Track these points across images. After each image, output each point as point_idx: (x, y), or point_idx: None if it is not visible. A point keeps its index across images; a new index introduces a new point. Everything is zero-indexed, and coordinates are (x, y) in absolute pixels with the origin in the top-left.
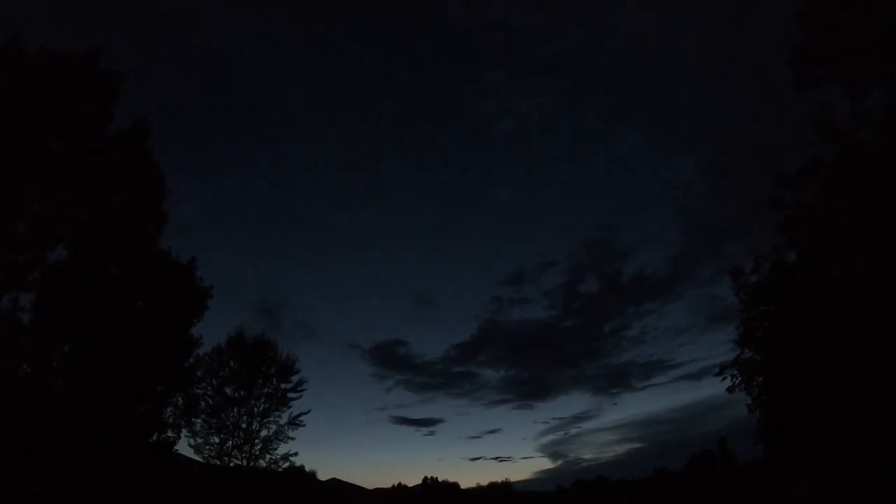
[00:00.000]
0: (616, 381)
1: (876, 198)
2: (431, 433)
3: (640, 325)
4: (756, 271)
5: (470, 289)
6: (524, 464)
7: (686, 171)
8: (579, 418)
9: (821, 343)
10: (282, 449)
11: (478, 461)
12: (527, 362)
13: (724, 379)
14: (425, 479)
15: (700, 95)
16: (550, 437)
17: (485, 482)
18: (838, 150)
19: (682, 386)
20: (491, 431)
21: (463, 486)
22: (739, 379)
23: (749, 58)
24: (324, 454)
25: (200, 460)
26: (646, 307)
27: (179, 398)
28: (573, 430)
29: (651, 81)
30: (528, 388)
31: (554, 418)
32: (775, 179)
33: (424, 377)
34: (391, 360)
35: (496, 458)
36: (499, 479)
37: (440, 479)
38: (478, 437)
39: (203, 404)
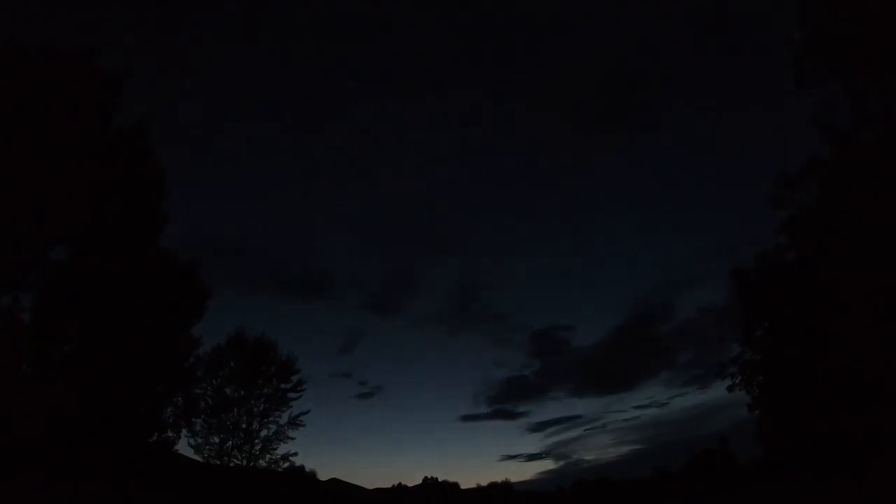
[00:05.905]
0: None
1: (876, 198)
2: (508, 427)
3: None
4: (757, 271)
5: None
6: (529, 465)
7: None
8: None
9: (820, 343)
10: (283, 449)
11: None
12: (636, 349)
13: (724, 379)
14: (425, 478)
15: None
16: (555, 438)
17: (485, 482)
18: (838, 150)
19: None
20: (556, 422)
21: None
22: (739, 379)
23: None
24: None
25: (200, 460)
26: None
27: (179, 398)
28: (576, 431)
29: None
30: (615, 379)
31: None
32: (775, 179)
33: (553, 365)
34: (543, 346)
35: (528, 457)
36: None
37: (440, 479)
38: (538, 431)
39: (203, 404)
